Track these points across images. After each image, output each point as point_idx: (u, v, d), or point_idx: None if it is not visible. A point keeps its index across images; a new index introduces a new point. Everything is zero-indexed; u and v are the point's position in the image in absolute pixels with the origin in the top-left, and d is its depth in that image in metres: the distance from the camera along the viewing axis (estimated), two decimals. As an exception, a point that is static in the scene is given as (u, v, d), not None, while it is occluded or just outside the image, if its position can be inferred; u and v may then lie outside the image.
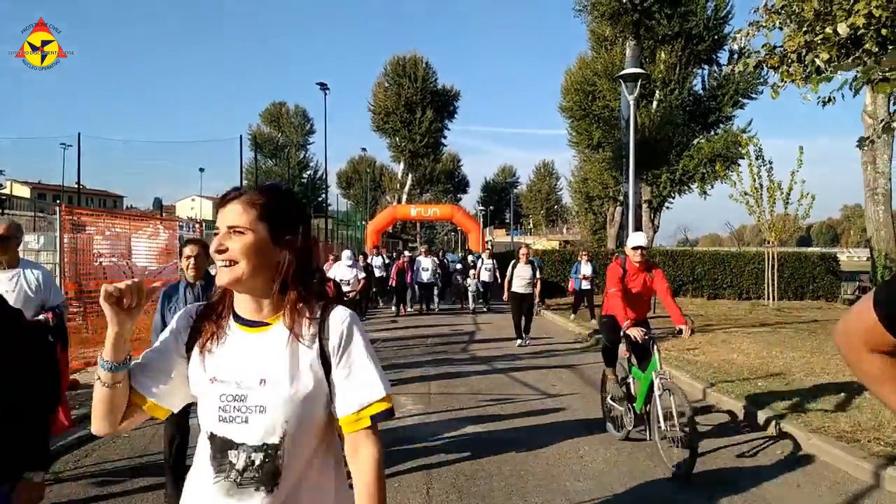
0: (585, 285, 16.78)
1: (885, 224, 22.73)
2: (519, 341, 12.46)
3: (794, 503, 4.83)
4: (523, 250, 12.91)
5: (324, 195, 55.39)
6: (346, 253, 12.28)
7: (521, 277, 12.49)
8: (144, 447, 6.01)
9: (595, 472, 5.44)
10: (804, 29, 6.80)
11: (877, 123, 19.97)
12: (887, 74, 4.40)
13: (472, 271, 20.43)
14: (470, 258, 24.71)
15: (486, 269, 19.36)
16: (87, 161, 17.85)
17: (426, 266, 19.19)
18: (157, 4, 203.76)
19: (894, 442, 5.69)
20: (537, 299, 13.63)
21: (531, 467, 5.54)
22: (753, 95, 32.33)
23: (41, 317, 4.80)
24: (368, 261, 19.05)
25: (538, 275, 12.79)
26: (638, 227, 23.20)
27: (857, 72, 5.46)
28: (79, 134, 16.98)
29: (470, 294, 20.29)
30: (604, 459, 5.76)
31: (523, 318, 12.62)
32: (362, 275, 12.46)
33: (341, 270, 11.75)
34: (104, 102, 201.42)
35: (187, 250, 4.71)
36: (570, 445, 6.16)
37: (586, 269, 16.82)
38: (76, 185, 19.33)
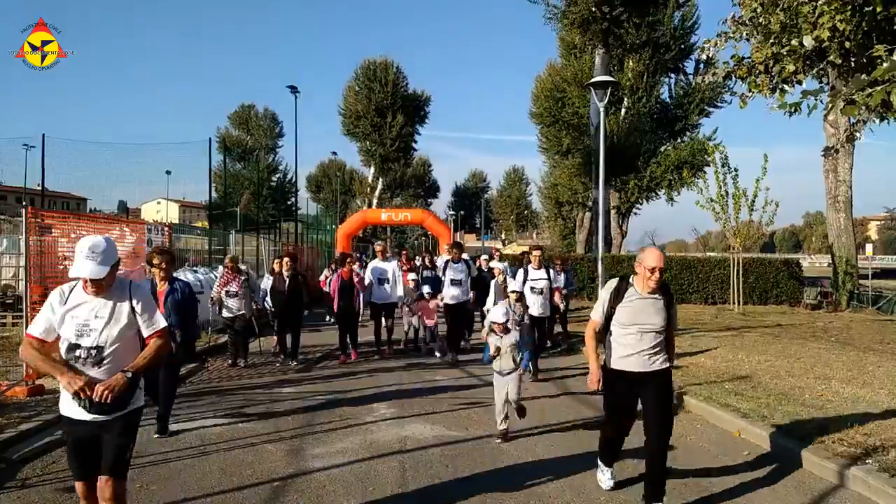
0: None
1: (846, 231, 23.37)
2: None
3: (761, 502, 4.93)
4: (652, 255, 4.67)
5: (293, 199, 55.04)
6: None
7: (647, 313, 4.66)
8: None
9: (569, 475, 5.49)
10: (771, 41, 7.00)
11: (839, 133, 20.57)
12: (854, 97, 4.57)
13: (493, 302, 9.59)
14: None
15: (534, 289, 9.83)
16: (50, 163, 17.34)
17: (385, 275, 11.54)
18: (124, 5, 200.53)
19: (857, 443, 5.85)
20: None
21: (506, 472, 5.57)
22: (719, 104, 33.08)
23: None
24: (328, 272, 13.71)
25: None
26: (607, 233, 23.49)
27: (819, 97, 5.69)
28: (43, 135, 16.48)
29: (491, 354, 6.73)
30: (579, 463, 5.81)
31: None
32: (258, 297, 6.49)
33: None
34: (69, 104, 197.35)
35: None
36: (544, 450, 6.21)
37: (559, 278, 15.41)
38: (38, 187, 18.89)
